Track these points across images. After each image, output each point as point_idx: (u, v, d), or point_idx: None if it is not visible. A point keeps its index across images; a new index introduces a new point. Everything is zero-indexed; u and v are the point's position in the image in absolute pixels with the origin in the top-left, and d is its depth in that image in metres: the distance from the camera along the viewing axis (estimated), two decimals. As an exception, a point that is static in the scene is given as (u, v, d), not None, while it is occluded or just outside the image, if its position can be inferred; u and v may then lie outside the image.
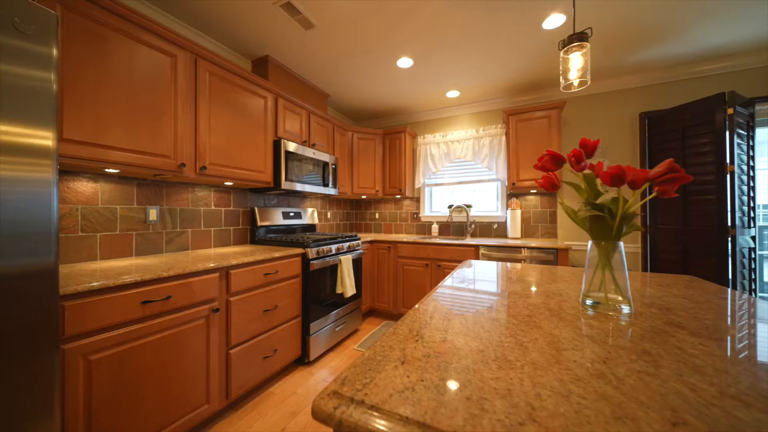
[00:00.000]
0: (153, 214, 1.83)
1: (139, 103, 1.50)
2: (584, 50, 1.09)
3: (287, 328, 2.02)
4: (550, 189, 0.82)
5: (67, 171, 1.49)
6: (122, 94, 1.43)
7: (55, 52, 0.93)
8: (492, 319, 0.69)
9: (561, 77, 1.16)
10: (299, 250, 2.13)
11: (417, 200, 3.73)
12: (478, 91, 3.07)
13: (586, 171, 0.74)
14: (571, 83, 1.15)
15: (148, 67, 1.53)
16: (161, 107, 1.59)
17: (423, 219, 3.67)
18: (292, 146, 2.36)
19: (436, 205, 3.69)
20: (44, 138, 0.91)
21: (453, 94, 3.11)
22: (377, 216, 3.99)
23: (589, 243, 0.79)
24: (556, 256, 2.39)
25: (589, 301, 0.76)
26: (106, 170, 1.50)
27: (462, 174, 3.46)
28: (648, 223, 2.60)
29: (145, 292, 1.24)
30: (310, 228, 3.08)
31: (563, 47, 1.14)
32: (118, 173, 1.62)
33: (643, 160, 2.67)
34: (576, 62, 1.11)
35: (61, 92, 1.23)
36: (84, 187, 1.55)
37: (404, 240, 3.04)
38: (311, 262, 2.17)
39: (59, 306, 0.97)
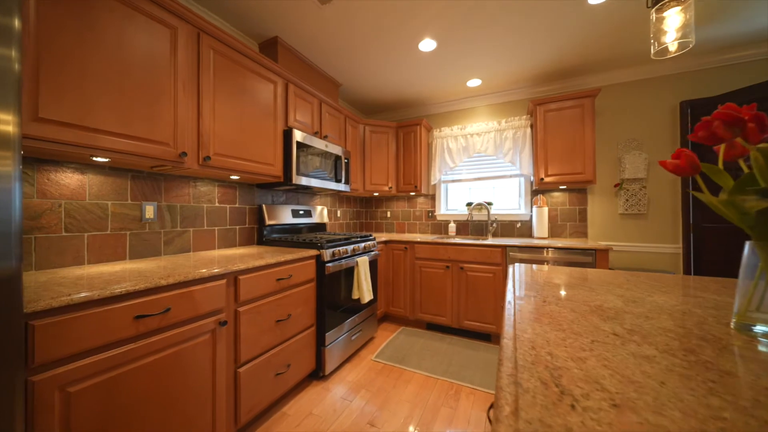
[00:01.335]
0: (150, 211, 1.61)
1: (134, 81, 1.28)
2: (687, 4, 0.87)
3: (301, 339, 1.80)
4: (689, 172, 0.60)
5: (46, 159, 1.27)
6: (114, 70, 1.21)
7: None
8: (642, 357, 0.47)
9: (652, 41, 0.94)
10: (313, 252, 1.91)
11: (432, 198, 3.51)
12: (502, 80, 2.85)
13: (762, 145, 0.52)
14: (666, 47, 0.93)
15: (145, 40, 1.31)
16: (159, 87, 1.37)
17: (439, 217, 3.44)
18: (303, 137, 2.14)
19: (452, 203, 3.46)
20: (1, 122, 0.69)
21: (474, 83, 2.89)
22: (389, 215, 3.76)
23: (746, 246, 0.58)
24: (594, 258, 2.17)
25: (760, 328, 0.54)
26: (94, 158, 1.28)
27: (481, 169, 3.24)
28: (691, 221, 2.38)
29: (140, 305, 1.02)
30: (320, 227, 2.86)
31: (654, 4, 0.93)
32: (109, 163, 1.40)
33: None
34: (673, 21, 0.90)
35: (37, 62, 1.00)
36: (68, 179, 1.33)
37: (422, 240, 2.81)
38: (326, 264, 1.94)
39: (24, 326, 0.75)
